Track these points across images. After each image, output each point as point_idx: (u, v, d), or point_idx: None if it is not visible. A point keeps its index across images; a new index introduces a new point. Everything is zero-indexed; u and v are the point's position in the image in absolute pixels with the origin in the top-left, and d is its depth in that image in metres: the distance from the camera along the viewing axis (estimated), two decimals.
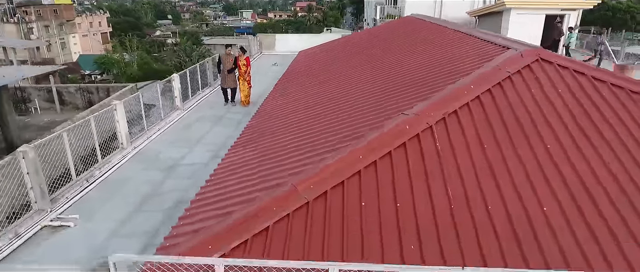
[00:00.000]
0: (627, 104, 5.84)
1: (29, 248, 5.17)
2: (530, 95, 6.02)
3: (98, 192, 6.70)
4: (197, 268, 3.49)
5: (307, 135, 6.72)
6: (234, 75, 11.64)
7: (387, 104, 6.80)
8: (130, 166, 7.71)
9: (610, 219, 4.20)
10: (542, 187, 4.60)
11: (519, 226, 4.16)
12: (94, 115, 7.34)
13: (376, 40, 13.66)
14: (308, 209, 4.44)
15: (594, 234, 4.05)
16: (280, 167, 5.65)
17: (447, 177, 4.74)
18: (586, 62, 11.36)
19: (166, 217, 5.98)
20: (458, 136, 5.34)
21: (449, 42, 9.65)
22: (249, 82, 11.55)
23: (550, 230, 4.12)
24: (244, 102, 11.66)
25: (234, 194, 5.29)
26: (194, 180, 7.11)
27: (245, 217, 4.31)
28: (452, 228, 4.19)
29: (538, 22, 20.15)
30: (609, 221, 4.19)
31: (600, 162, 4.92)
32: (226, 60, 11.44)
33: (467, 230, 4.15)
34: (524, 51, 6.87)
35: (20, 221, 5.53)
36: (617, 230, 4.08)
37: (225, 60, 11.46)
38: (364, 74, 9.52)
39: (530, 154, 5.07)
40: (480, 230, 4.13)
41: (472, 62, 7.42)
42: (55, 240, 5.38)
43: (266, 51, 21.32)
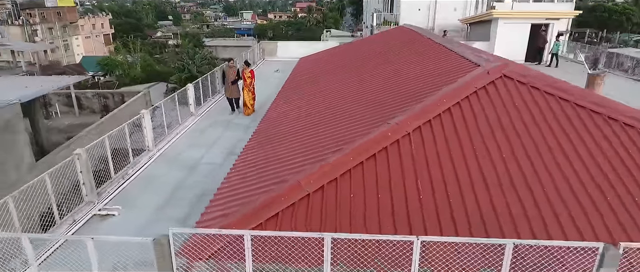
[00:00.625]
0: (569, 113, 7.14)
1: (86, 231, 6.45)
2: (492, 108, 7.32)
3: (133, 187, 8.00)
4: (229, 239, 4.80)
5: (308, 139, 8.03)
6: (237, 86, 12.61)
7: (374, 113, 8.11)
8: (157, 165, 9.01)
9: (540, 203, 5.51)
10: (492, 178, 5.92)
11: (470, 207, 5.47)
12: (127, 123, 8.63)
13: (368, 52, 14.97)
14: (309, 199, 5.74)
15: (526, 214, 5.37)
16: (286, 167, 6.96)
17: (418, 174, 6.04)
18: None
19: (192, 207, 7.27)
20: (430, 142, 6.65)
21: (431, 57, 10.96)
22: (253, 93, 12.62)
23: (494, 211, 5.43)
24: (247, 111, 12.57)
25: (250, 188, 6.60)
26: (212, 177, 8.41)
27: (261, 205, 5.62)
28: (419, 211, 5.49)
29: (524, 31, 21.46)
30: (539, 204, 5.50)
31: (540, 161, 6.22)
32: (229, 72, 12.51)
33: (430, 213, 5.46)
34: (491, 69, 8.17)
35: (75, 210, 6.82)
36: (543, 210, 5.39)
37: (229, 72, 12.52)
38: (356, 86, 10.83)
39: (486, 154, 6.37)
40: (441, 213, 5.45)
41: (448, 77, 8.72)
42: (105, 225, 6.67)
43: (268, 57, 22.61)
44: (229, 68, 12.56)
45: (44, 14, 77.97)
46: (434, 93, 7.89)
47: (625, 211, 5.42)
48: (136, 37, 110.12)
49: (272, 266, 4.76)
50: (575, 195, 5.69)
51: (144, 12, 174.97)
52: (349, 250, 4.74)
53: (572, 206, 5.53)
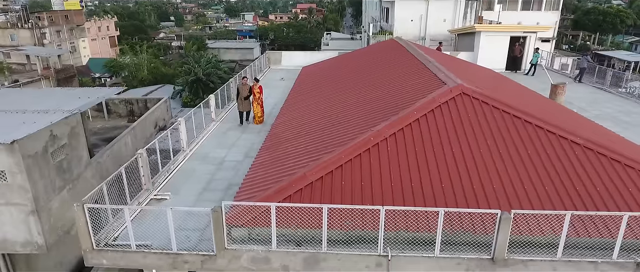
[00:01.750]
0: (508, 122, 9.49)
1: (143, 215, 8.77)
2: (450, 118, 9.68)
3: (176, 178, 10.34)
4: (257, 213, 7.15)
5: (310, 142, 10.39)
6: (249, 101, 14.36)
7: (361, 121, 10.48)
8: (191, 162, 11.35)
9: (478, 194, 7.86)
10: (444, 169, 8.27)
11: (425, 188, 7.83)
12: (169, 130, 10.98)
13: (360, 66, 17.33)
14: (312, 186, 8.09)
15: (466, 202, 7.72)
16: (294, 163, 9.32)
17: (392, 169, 8.39)
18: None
19: (223, 193, 9.62)
20: (402, 145, 9.00)
21: (410, 74, 13.32)
22: (261, 105, 14.38)
23: (442, 190, 7.79)
24: (257, 121, 14.34)
25: (267, 179, 8.95)
26: (236, 171, 10.76)
27: (277, 190, 7.97)
28: (391, 195, 7.84)
29: (504, 43, 23.76)
30: (477, 195, 7.85)
31: (482, 161, 8.57)
32: (243, 89, 14.25)
33: (398, 196, 7.81)
34: (453, 87, 10.53)
35: (138, 195, 9.16)
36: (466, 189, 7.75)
37: (242, 89, 14.27)
38: (348, 97, 13.19)
39: (442, 156, 8.72)
40: (405, 192, 7.80)
41: (420, 93, 11.08)
42: (161, 205, 9.01)
43: (274, 66, 24.95)
44: (243, 85, 14.32)
45: (52, 17, 79.99)
46: (409, 106, 10.25)
47: (524, 191, 7.78)
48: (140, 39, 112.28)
49: (286, 230, 7.12)
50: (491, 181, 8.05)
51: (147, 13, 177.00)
52: (340, 217, 7.09)
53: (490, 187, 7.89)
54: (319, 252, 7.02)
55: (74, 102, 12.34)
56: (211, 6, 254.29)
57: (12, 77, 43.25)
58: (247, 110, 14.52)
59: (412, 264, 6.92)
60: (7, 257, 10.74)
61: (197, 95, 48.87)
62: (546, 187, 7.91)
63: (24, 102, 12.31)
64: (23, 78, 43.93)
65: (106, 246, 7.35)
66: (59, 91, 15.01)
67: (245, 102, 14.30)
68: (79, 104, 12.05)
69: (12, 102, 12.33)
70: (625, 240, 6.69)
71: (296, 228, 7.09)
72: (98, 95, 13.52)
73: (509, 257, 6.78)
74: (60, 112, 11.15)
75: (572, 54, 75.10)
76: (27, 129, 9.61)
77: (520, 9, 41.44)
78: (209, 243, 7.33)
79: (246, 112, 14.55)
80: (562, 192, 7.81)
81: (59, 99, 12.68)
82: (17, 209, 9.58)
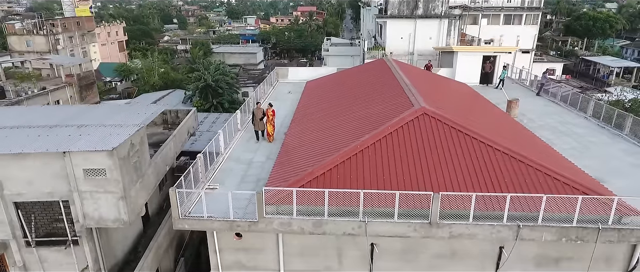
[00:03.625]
0: (455, 137, 13.64)
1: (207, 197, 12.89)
2: (413, 133, 13.84)
3: (220, 174, 14.49)
4: (282, 196, 11.31)
5: (315, 148, 14.57)
6: (263, 121, 17.63)
7: (351, 133, 14.66)
8: (228, 162, 15.51)
9: (426, 183, 12.04)
10: (406, 171, 12.44)
11: (393, 180, 12.01)
12: (214, 138, 15.09)
13: (353, 86, 21.52)
14: (317, 178, 12.26)
15: (418, 188, 11.89)
16: (304, 163, 13.49)
17: (371, 168, 12.56)
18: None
19: (255, 184, 13.76)
20: (379, 152, 13.16)
21: (391, 96, 17.48)
22: (273, 126, 17.71)
23: (404, 185, 11.95)
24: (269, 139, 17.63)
25: (286, 173, 13.12)
26: (261, 169, 14.92)
27: (294, 181, 12.14)
28: (369, 184, 11.99)
29: (477, 60, 27.90)
30: (425, 184, 12.03)
31: (432, 163, 12.74)
32: (257, 111, 17.69)
33: (374, 185, 11.97)
34: (417, 109, 14.70)
35: (198, 185, 13.30)
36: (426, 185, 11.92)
37: (257, 111, 17.71)
38: (343, 113, 17.39)
39: (406, 159, 12.89)
40: (379, 185, 11.97)
41: (395, 111, 15.24)
42: (214, 194, 13.15)
43: (282, 79, 29.10)
44: (258, 109, 17.85)
45: (65, 23, 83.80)
46: (386, 122, 14.44)
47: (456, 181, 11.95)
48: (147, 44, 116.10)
49: (301, 206, 11.26)
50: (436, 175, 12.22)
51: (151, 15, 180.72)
52: (336, 198, 11.25)
53: (435, 179, 12.04)
54: (322, 219, 11.20)
55: (137, 117, 16.51)
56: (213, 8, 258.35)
57: (40, 85, 47.33)
58: (261, 130, 17.73)
59: (380, 226, 11.10)
60: (95, 230, 14.86)
61: (206, 100, 53.11)
62: (470, 179, 12.08)
63: (100, 118, 16.47)
64: (50, 85, 48.09)
65: (187, 216, 11.54)
66: (123, 108, 19.09)
67: (260, 122, 17.57)
68: (142, 119, 16.21)
69: (93, 118, 16.48)
70: (511, 212, 10.85)
71: (308, 205, 11.26)
72: (152, 111, 17.70)
73: (440, 222, 10.95)
74: (132, 125, 15.30)
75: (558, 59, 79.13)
76: (117, 139, 13.75)
77: (502, 23, 45.82)
78: (251, 215, 11.51)
79: (261, 130, 17.76)
80: (480, 182, 11.98)
81: (125, 115, 16.85)
82: (112, 196, 13.69)
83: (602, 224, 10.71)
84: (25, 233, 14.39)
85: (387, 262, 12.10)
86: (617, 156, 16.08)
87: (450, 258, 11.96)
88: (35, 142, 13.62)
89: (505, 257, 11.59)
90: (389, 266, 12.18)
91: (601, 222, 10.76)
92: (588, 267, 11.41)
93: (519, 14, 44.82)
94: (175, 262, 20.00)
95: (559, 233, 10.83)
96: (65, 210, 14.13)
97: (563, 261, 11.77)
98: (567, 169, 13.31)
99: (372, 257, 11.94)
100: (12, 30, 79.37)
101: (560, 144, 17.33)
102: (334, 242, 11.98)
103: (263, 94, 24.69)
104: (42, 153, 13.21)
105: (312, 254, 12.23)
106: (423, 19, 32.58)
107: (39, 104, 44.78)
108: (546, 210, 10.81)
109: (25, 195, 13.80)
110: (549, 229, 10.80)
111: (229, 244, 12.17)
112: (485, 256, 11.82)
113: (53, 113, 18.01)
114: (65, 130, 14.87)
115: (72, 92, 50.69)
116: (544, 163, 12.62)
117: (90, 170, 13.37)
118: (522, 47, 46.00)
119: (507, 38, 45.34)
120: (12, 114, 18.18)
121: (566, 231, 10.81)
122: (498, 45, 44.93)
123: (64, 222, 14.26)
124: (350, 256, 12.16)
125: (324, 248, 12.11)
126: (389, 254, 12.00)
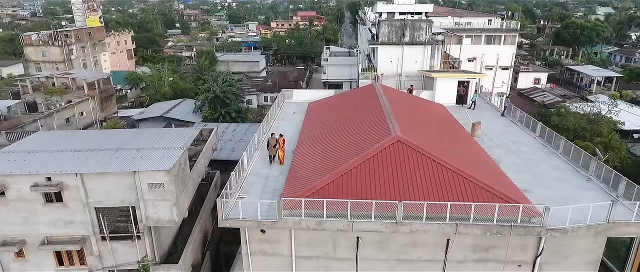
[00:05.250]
0: (420, 160, 18.60)
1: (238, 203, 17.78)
2: (389, 157, 18.79)
3: (246, 187, 19.43)
4: (295, 202, 16.26)
5: (316, 167, 19.54)
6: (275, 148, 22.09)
7: (343, 155, 19.64)
8: (251, 177, 20.44)
9: (395, 194, 17.02)
10: (382, 186, 17.42)
11: (372, 193, 17.00)
12: (240, 160, 20.02)
13: (346, 110, 26.51)
14: (318, 191, 17.23)
15: (389, 198, 16.87)
16: (308, 178, 18.46)
17: (356, 184, 17.54)
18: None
19: (272, 194, 18.71)
20: (363, 172, 18.13)
21: (375, 123, 22.44)
22: (283, 152, 22.36)
23: (381, 196, 16.94)
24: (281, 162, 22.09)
25: (295, 186, 18.09)
26: (276, 182, 19.88)
27: (302, 192, 17.12)
28: (360, 196, 16.94)
29: (454, 85, 32.87)
30: (395, 194, 17.01)
31: (402, 179, 17.71)
32: (271, 140, 22.26)
33: (359, 195, 16.93)
34: (393, 137, 19.65)
35: (232, 193, 18.21)
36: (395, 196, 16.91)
37: (271, 140, 22.31)
38: (337, 137, 22.35)
39: (383, 177, 17.86)
40: (362, 196, 16.94)
41: (377, 138, 20.19)
42: (245, 201, 18.06)
43: (287, 100, 34.05)
44: (272, 137, 22.46)
45: (78, 34, 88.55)
46: (369, 147, 19.40)
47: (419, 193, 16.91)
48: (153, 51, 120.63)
49: (308, 210, 16.20)
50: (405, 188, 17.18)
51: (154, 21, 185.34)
52: (332, 204, 16.18)
53: (404, 191, 16.97)
54: (322, 220, 16.16)
55: (179, 140, 21.47)
56: (214, 12, 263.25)
57: (66, 98, 52.24)
58: (273, 154, 22.26)
59: (362, 225, 16.07)
60: (152, 229, 19.76)
61: (215, 110, 58.16)
62: (426, 190, 17.02)
63: (150, 142, 21.41)
64: (74, 98, 52.97)
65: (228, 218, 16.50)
66: (165, 132, 24.02)
67: (273, 149, 22.10)
68: (184, 142, 21.18)
69: (144, 142, 21.41)
70: (452, 214, 15.79)
71: (312, 210, 16.21)
72: (190, 134, 22.67)
73: (403, 222, 15.91)
74: (178, 149, 20.24)
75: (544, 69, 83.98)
76: (171, 160, 18.67)
77: (484, 43, 50.94)
78: (272, 216, 16.46)
79: (273, 155, 22.32)
80: (434, 193, 16.91)
81: (169, 139, 21.81)
82: (167, 203, 18.60)
83: (513, 223, 15.69)
84: (101, 230, 19.36)
85: (368, 250, 17.08)
86: (547, 170, 21.04)
87: (413, 247, 16.94)
88: (112, 164, 18.60)
89: (450, 246, 16.57)
90: (369, 253, 17.15)
91: (513, 221, 15.74)
92: (506, 253, 16.40)
93: (499, 35, 49.92)
94: (203, 255, 24.99)
95: (484, 229, 15.81)
96: (132, 213, 19.10)
97: (491, 248, 16.75)
98: (500, 182, 18.31)
99: (357, 246, 16.91)
100: (28, 42, 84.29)
101: (507, 160, 22.29)
102: (330, 236, 16.95)
103: (273, 114, 29.69)
104: (118, 172, 18.19)
105: (315, 244, 17.19)
106: (409, 46, 37.54)
107: (66, 114, 50.01)
108: (477, 213, 15.77)
109: (103, 202, 18.79)
110: (477, 226, 15.77)
111: (255, 238, 17.14)
112: (437, 245, 16.79)
113: (112, 136, 23.03)
114: (128, 153, 19.87)
115: (94, 104, 55.66)
116: (482, 179, 17.58)
117: (153, 184, 18.34)
118: (502, 65, 51.19)
119: (489, 56, 50.59)
120: (78, 137, 23.16)
121: (489, 227, 15.78)
122: (480, 63, 50.13)
123: (131, 222, 19.24)
124: (342, 245, 17.13)
125: (323, 240, 17.08)
126: (369, 244, 16.97)
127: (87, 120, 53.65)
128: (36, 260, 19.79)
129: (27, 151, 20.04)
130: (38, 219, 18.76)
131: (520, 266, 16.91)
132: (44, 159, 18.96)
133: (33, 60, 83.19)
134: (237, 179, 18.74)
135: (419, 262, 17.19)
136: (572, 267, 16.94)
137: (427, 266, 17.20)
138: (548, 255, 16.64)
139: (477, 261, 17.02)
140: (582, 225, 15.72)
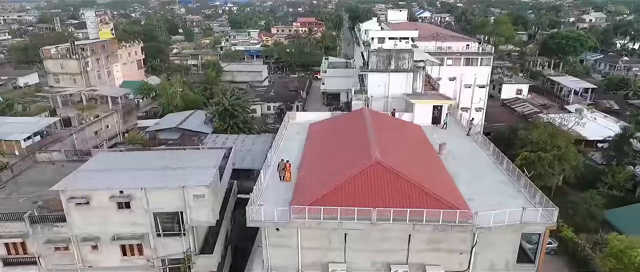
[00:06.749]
0: (393, 179, 25.36)
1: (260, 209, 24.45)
2: (369, 177, 25.56)
3: (263, 196, 26.16)
4: (301, 208, 23.03)
5: (314, 183, 26.34)
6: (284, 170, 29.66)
7: (336, 173, 26.44)
8: (267, 190, 27.16)
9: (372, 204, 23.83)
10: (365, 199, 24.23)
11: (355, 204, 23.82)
12: (258, 178, 26.71)
13: (339, 133, 33.31)
14: (318, 200, 24.00)
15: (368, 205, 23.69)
16: (310, 191, 25.24)
17: (344, 197, 24.33)
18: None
19: (284, 203, 25.47)
20: (349, 188, 24.91)
21: (361, 146, 29.23)
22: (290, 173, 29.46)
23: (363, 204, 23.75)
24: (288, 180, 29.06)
25: (302, 197, 24.87)
26: (287, 193, 26.63)
27: (308, 200, 23.88)
28: (348, 203, 23.70)
29: (429, 109, 39.70)
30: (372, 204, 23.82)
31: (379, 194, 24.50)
32: (281, 164, 29.39)
33: (346, 204, 23.70)
34: (373, 159, 26.41)
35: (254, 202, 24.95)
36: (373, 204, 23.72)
37: (280, 164, 29.48)
38: (331, 158, 29.14)
39: (364, 193, 24.64)
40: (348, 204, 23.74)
41: (360, 160, 26.96)
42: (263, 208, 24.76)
43: (291, 120, 40.82)
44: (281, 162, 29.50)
45: (93, 47, 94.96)
46: (355, 167, 26.17)
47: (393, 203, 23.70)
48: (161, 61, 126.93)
49: (311, 214, 22.93)
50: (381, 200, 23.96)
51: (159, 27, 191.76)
52: (327, 211, 22.94)
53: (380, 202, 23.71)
54: (321, 221, 22.92)
55: (210, 159, 28.26)
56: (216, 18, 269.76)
57: (95, 112, 58.96)
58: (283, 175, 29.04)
59: (349, 225, 22.84)
60: (194, 228, 26.46)
61: (225, 122, 64.81)
62: (394, 199, 23.76)
63: (187, 161, 28.16)
64: (101, 112, 59.65)
65: (253, 220, 23.26)
66: (198, 153, 30.75)
67: (282, 170, 28.95)
68: (215, 161, 27.97)
69: (182, 161, 28.12)
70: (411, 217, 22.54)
71: (313, 213, 22.96)
72: (219, 154, 29.44)
73: (376, 222, 22.66)
74: (211, 167, 26.95)
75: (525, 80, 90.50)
76: (209, 177, 25.36)
77: (462, 64, 57.81)
78: (285, 219, 23.19)
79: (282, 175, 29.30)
80: (400, 201, 23.63)
81: (201, 158, 28.59)
82: (206, 209, 25.29)
83: (453, 223, 22.47)
84: (157, 229, 26.12)
85: (353, 243, 23.84)
86: (492, 183, 27.82)
87: (385, 240, 23.70)
88: (167, 181, 25.36)
89: (411, 240, 23.34)
90: (355, 245, 23.91)
91: (453, 222, 22.51)
92: (451, 244, 23.19)
93: (476, 57, 56.80)
94: (225, 249, 31.80)
95: (433, 228, 22.58)
96: (180, 216, 25.85)
97: (442, 241, 23.53)
98: (450, 193, 25.06)
99: (345, 240, 23.68)
100: (48, 55, 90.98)
101: (463, 174, 29.05)
102: (327, 233, 23.69)
103: (281, 134, 36.48)
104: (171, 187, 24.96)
105: (315, 238, 23.93)
106: (395, 73, 44.30)
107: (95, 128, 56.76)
108: (428, 216, 22.51)
109: (159, 209, 25.54)
110: (429, 225, 22.54)
111: (272, 234, 23.87)
112: (401, 239, 23.56)
113: (156, 156, 29.77)
114: (174, 172, 26.62)
115: (117, 118, 62.44)
116: (436, 190, 24.31)
117: (196, 195, 25.09)
118: (479, 83, 58.08)
119: (467, 76, 57.50)
120: (131, 157, 29.89)
121: (437, 226, 22.55)
122: (459, 82, 57.09)
123: (179, 223, 26.00)
124: (334, 239, 23.90)
125: (322, 236, 23.82)
126: (354, 238, 23.73)
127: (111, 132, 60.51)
128: (107, 252, 26.54)
129: (99, 169, 26.82)
130: (111, 221, 25.53)
131: (462, 253, 23.70)
132: (115, 176, 25.74)
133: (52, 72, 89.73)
134: (258, 191, 25.52)
135: (390, 252, 23.98)
136: (499, 254, 23.75)
137: (396, 254, 24.00)
138: (481, 246, 23.43)
139: (431, 251, 23.82)
140: (502, 225, 22.51)
